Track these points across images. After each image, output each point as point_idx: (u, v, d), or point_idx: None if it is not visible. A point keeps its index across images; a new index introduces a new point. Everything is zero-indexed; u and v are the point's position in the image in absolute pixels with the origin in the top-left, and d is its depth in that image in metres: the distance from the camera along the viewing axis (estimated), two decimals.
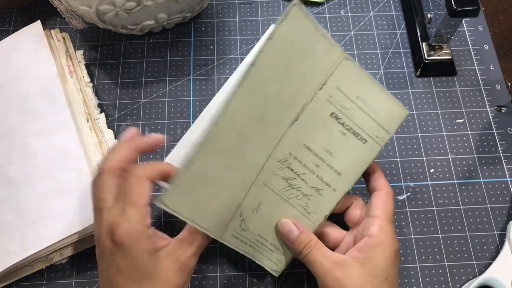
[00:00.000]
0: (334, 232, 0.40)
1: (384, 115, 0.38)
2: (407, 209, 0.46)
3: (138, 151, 0.36)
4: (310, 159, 0.37)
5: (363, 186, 0.42)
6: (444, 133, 0.50)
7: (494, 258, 0.44)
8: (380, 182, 0.39)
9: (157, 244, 0.33)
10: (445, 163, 0.49)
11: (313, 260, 0.35)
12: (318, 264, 0.35)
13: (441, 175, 0.48)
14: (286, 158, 0.37)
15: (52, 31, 0.51)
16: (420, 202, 0.47)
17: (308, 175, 0.37)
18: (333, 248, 0.38)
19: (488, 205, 0.47)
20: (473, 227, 0.46)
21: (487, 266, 0.43)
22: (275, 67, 0.33)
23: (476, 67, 0.54)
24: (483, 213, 0.46)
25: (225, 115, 0.32)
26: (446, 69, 0.53)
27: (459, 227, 0.46)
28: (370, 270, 0.34)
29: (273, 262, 0.39)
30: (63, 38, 0.52)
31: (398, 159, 0.49)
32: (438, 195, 0.47)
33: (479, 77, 0.53)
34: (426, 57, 0.52)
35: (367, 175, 0.40)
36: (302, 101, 0.36)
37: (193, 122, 0.51)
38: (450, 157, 0.49)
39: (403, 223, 0.46)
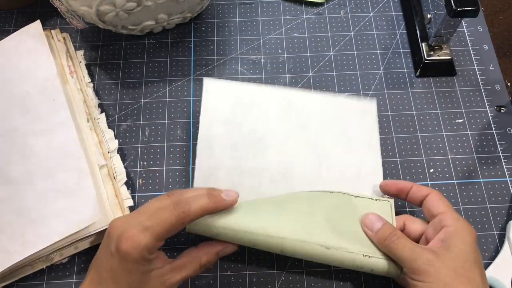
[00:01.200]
0: (415, 224, 0.41)
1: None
2: (407, 209, 0.47)
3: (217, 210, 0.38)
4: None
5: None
6: (444, 133, 0.50)
7: (493, 258, 0.44)
8: (422, 190, 0.41)
9: (153, 266, 0.35)
10: (444, 163, 0.49)
11: (402, 245, 0.37)
12: (408, 249, 0.36)
13: (440, 175, 0.48)
14: None
15: (52, 31, 0.51)
16: None
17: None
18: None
19: (488, 205, 0.47)
20: (472, 227, 0.46)
21: (486, 265, 0.44)
22: None
23: (475, 67, 0.54)
24: (483, 213, 0.46)
25: None
26: (445, 69, 0.53)
27: None
28: (458, 254, 0.35)
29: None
30: (64, 38, 0.52)
31: (398, 159, 0.49)
32: None
33: (479, 77, 0.53)
34: (425, 57, 0.53)
35: (407, 195, 0.42)
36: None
37: (193, 122, 0.51)
38: (449, 157, 0.49)
39: None
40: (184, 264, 0.37)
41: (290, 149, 0.44)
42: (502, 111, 0.52)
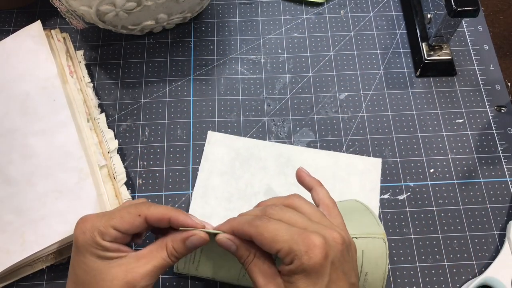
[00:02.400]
0: None
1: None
2: (407, 209, 0.47)
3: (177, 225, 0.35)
4: None
5: None
6: (444, 133, 0.50)
7: (494, 258, 0.44)
8: (318, 196, 0.37)
9: (111, 254, 0.33)
10: (445, 163, 0.49)
11: (250, 275, 0.33)
12: (254, 280, 0.33)
13: (441, 175, 0.48)
14: None
15: (52, 31, 0.51)
16: (420, 202, 0.47)
17: None
18: None
19: (488, 205, 0.47)
20: (473, 227, 0.46)
21: (487, 266, 0.44)
22: None
23: (476, 67, 0.54)
24: (483, 213, 0.46)
25: None
26: (446, 69, 0.53)
27: (459, 227, 0.46)
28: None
29: None
30: (64, 38, 0.52)
31: (398, 159, 0.49)
32: (438, 195, 0.47)
33: (479, 77, 0.53)
34: (426, 57, 0.52)
35: (309, 191, 0.39)
36: None
37: (192, 122, 0.51)
38: (450, 157, 0.49)
39: (403, 223, 0.46)
40: (150, 252, 0.34)
41: None
42: (502, 111, 0.51)
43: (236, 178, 0.46)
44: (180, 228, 0.34)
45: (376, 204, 0.45)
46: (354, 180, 0.46)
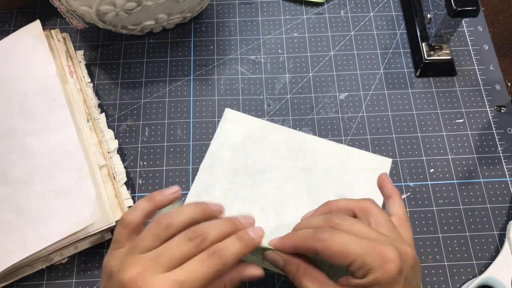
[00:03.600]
0: None
1: None
2: (407, 209, 0.47)
3: (158, 208, 0.35)
4: None
5: None
6: (444, 133, 0.50)
7: (494, 258, 0.44)
8: (394, 207, 0.36)
9: None
10: (445, 163, 0.49)
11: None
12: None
13: (441, 175, 0.48)
14: None
15: (52, 31, 0.51)
16: (420, 202, 0.47)
17: None
18: None
19: (488, 205, 0.47)
20: (473, 227, 0.46)
21: (487, 266, 0.44)
22: None
23: (476, 67, 0.54)
24: (483, 213, 0.46)
25: None
26: (446, 69, 0.53)
27: (459, 227, 0.46)
28: None
29: None
30: (64, 38, 0.52)
31: (398, 159, 0.49)
32: (438, 195, 0.47)
33: (479, 77, 0.53)
34: (426, 57, 0.52)
35: (386, 199, 0.37)
36: None
37: (192, 122, 0.51)
38: (450, 157, 0.49)
39: None
40: None
41: (289, 188, 0.45)
42: (502, 111, 0.51)
43: (245, 155, 0.46)
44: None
45: (381, 200, 0.45)
46: (363, 175, 0.45)
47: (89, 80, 0.51)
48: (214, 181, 0.45)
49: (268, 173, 0.45)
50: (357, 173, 0.46)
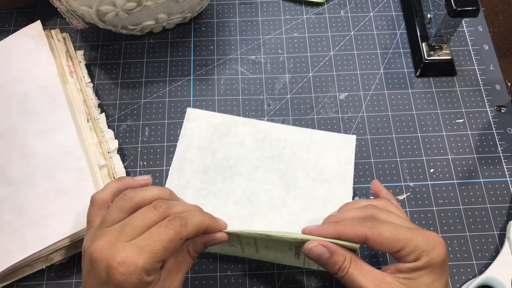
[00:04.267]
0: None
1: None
2: (407, 209, 0.47)
3: (125, 188, 0.36)
4: None
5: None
6: (444, 133, 0.50)
7: (494, 258, 0.44)
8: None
9: (152, 284, 0.31)
10: (445, 163, 0.49)
11: (352, 280, 0.32)
12: (359, 285, 0.32)
13: (441, 175, 0.48)
14: None
15: (52, 31, 0.51)
16: (420, 202, 0.47)
17: None
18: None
19: (488, 205, 0.47)
20: (473, 227, 0.46)
21: (487, 266, 0.44)
22: None
23: (476, 67, 0.54)
24: (483, 213, 0.46)
25: None
26: (446, 69, 0.53)
27: (459, 227, 0.46)
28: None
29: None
30: (64, 38, 0.52)
31: (398, 159, 0.49)
32: (438, 195, 0.47)
33: (479, 77, 0.53)
34: (426, 57, 0.52)
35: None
36: None
37: None
38: (450, 157, 0.49)
39: None
40: (176, 262, 0.33)
41: (259, 177, 0.46)
42: (502, 111, 0.51)
43: (213, 152, 0.47)
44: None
45: (351, 176, 0.45)
46: (329, 154, 0.47)
47: (89, 80, 0.51)
48: (185, 183, 0.45)
49: (237, 166, 0.46)
50: (324, 153, 0.47)
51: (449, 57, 0.53)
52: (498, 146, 0.50)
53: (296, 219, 0.44)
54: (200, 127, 0.48)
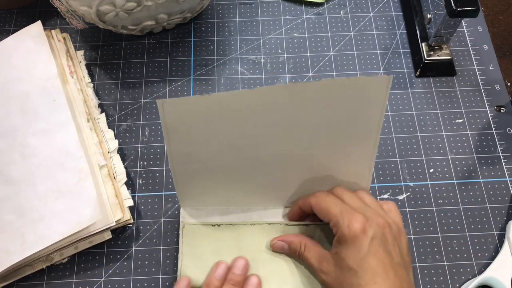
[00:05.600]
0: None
1: None
2: (407, 209, 0.47)
3: None
4: None
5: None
6: (444, 133, 0.50)
7: (493, 257, 0.44)
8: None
9: None
10: (444, 163, 0.49)
11: (305, 259, 0.40)
12: (308, 262, 0.40)
13: (440, 175, 0.48)
14: None
15: (52, 31, 0.51)
16: (419, 202, 0.47)
17: None
18: None
19: (488, 205, 0.47)
20: (472, 227, 0.46)
21: (486, 265, 0.44)
22: None
23: (475, 67, 0.54)
24: (483, 213, 0.47)
25: None
26: (445, 69, 0.53)
27: (458, 227, 0.46)
28: (340, 264, 0.36)
29: None
30: (64, 38, 0.52)
31: (398, 159, 0.49)
32: (438, 195, 0.47)
33: (479, 77, 0.53)
34: (425, 57, 0.53)
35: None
36: None
37: None
38: (449, 157, 0.49)
39: (403, 223, 0.46)
40: None
41: (275, 147, 0.39)
42: (502, 111, 0.52)
43: (208, 138, 0.38)
44: None
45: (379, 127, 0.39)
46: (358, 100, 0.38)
47: (89, 80, 0.51)
48: (205, 187, 0.42)
49: (244, 141, 0.39)
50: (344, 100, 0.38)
51: (449, 57, 0.53)
52: (498, 146, 0.50)
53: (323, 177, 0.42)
54: (184, 118, 0.38)
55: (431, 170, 0.49)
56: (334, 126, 0.39)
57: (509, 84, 0.54)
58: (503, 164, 0.49)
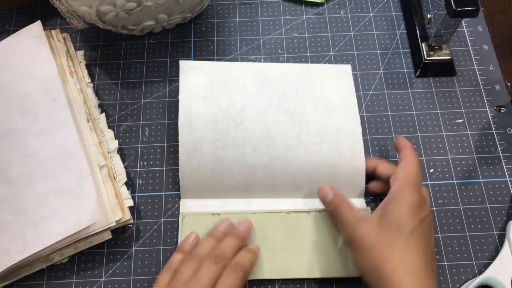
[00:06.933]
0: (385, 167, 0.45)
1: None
2: None
3: None
4: None
5: None
6: (444, 133, 0.50)
7: (493, 258, 0.44)
8: (406, 154, 0.43)
9: None
10: (444, 163, 0.49)
11: (342, 216, 0.41)
12: (347, 220, 0.40)
13: (440, 175, 0.48)
14: None
15: (52, 31, 0.51)
16: None
17: None
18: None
19: (488, 205, 0.47)
20: (472, 227, 0.46)
21: (486, 266, 0.44)
22: None
23: (475, 67, 0.54)
24: (483, 213, 0.47)
25: None
26: (445, 69, 0.53)
27: (458, 227, 0.46)
28: (383, 223, 0.38)
29: None
30: (64, 38, 0.52)
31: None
32: (438, 195, 0.47)
33: (479, 77, 0.53)
34: (425, 57, 0.53)
35: (398, 151, 0.44)
36: None
37: None
38: (449, 157, 0.49)
39: None
40: None
41: (270, 118, 0.45)
42: (502, 111, 0.52)
43: (217, 100, 0.46)
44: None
45: (355, 103, 0.48)
46: (329, 85, 0.48)
47: (89, 80, 0.51)
48: (199, 137, 0.44)
49: (245, 111, 0.46)
50: (325, 84, 0.48)
51: (449, 57, 0.53)
52: (498, 146, 0.50)
53: (314, 155, 0.45)
54: (198, 77, 0.47)
55: (431, 170, 0.49)
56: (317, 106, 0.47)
57: (509, 84, 0.54)
58: (503, 164, 0.49)
